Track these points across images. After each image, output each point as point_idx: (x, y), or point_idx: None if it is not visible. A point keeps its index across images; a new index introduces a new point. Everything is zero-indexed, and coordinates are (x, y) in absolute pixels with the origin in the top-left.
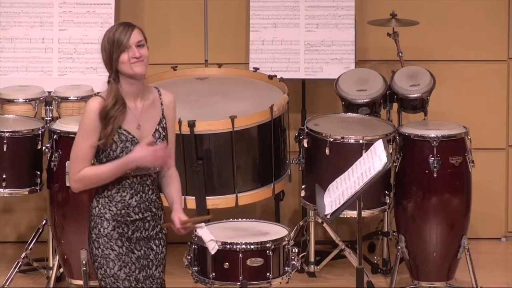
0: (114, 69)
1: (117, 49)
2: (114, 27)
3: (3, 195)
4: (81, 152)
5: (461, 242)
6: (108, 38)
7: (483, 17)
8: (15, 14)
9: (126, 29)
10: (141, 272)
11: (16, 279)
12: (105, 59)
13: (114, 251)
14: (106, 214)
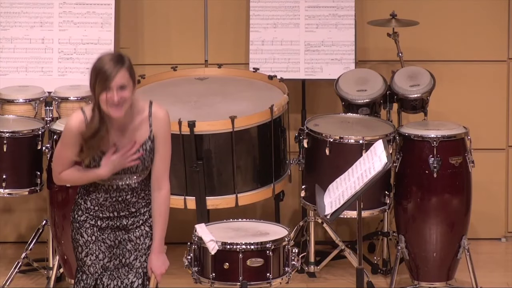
0: (94, 97)
1: (100, 84)
2: (106, 57)
3: (3, 195)
4: (61, 159)
5: (461, 242)
6: (96, 67)
7: (483, 17)
8: (15, 14)
9: (114, 66)
10: (112, 260)
11: (16, 280)
12: (90, 85)
13: (83, 238)
14: (82, 205)
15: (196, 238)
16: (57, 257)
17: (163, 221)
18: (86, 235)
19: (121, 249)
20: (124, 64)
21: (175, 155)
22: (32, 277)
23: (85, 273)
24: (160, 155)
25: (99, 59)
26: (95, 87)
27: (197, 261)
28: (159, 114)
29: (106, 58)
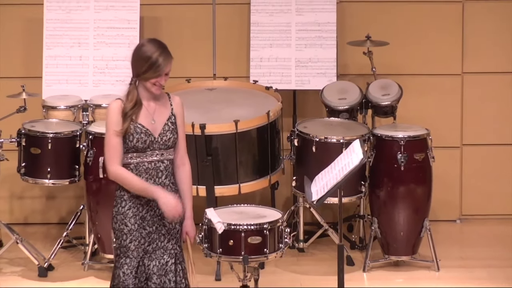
0: (138, 77)
1: (152, 72)
2: (152, 46)
3: (48, 185)
4: (112, 147)
5: (423, 224)
6: (146, 56)
7: (441, 38)
8: (58, 36)
9: (167, 58)
10: (151, 244)
11: (58, 254)
12: (138, 70)
13: (127, 227)
14: (125, 195)
15: (206, 220)
16: (92, 235)
17: (190, 192)
18: (130, 224)
19: (157, 233)
20: (171, 55)
21: (189, 152)
22: (71, 252)
23: (129, 257)
24: (180, 134)
25: (145, 47)
26: (146, 71)
27: (207, 238)
28: (176, 98)
29: (153, 48)
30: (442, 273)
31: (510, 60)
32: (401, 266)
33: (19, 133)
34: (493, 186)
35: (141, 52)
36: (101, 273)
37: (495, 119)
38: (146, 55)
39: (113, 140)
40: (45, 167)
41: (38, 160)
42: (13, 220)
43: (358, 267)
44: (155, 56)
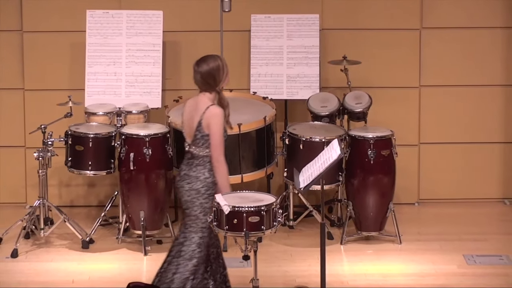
0: (219, 85)
1: (227, 77)
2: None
3: (89, 175)
4: (223, 143)
5: (389, 206)
6: (225, 64)
7: (402, 58)
8: (97, 56)
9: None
10: None
11: (98, 230)
12: (221, 76)
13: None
14: (209, 179)
15: (215, 203)
16: (124, 215)
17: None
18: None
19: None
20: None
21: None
22: (108, 229)
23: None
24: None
25: (222, 59)
26: (225, 77)
27: (216, 217)
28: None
29: (221, 59)
30: (403, 246)
31: (458, 76)
32: (370, 240)
33: (66, 134)
34: (444, 176)
35: (221, 64)
36: (131, 245)
37: (446, 123)
38: (224, 63)
39: (222, 139)
40: (87, 161)
41: (81, 155)
42: (62, 203)
43: (337, 241)
44: (225, 64)
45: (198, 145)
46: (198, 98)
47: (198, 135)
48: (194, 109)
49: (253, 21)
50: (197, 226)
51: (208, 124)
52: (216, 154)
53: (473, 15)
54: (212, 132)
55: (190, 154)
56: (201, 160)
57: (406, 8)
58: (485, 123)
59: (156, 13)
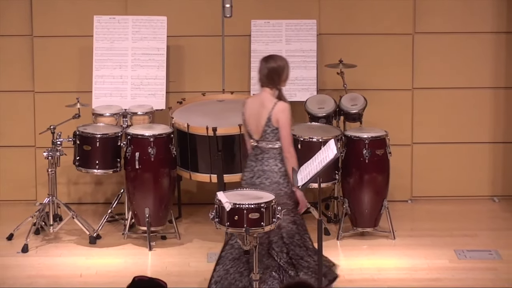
0: (282, 83)
1: (288, 76)
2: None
3: (96, 174)
4: (291, 135)
5: (383, 203)
6: (288, 67)
7: (396, 61)
8: (104, 60)
9: None
10: None
11: (105, 226)
12: (287, 75)
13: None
14: (282, 168)
15: (217, 200)
16: (130, 212)
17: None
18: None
19: None
20: None
21: (205, 148)
22: (114, 225)
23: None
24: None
25: (287, 61)
26: (286, 77)
27: (218, 214)
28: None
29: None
30: (397, 241)
31: (449, 79)
32: (365, 235)
33: (75, 134)
34: (436, 174)
35: (286, 65)
36: (137, 241)
37: (438, 124)
38: (287, 66)
39: (291, 131)
40: (94, 160)
41: (89, 155)
42: (70, 200)
43: (333, 236)
44: (288, 65)
45: (268, 139)
46: (261, 95)
47: (268, 130)
48: (260, 106)
49: (253, 26)
50: (288, 210)
51: (277, 118)
52: (286, 146)
53: (463, 21)
54: (281, 125)
55: (259, 150)
56: (271, 153)
57: (400, 14)
58: (474, 124)
59: (160, 18)
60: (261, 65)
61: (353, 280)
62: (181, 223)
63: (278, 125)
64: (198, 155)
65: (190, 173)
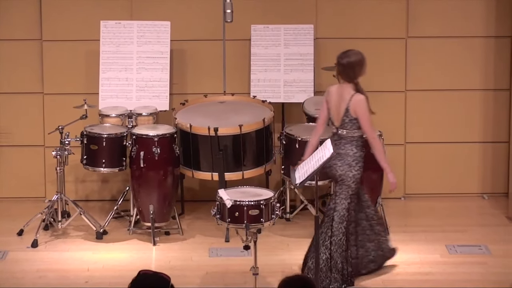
0: (358, 77)
1: (365, 70)
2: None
3: (103, 172)
4: (371, 122)
5: (377, 200)
6: (364, 61)
7: (390, 64)
8: (110, 63)
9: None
10: None
11: (111, 222)
12: (364, 69)
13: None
14: (357, 153)
15: (218, 197)
16: (135, 209)
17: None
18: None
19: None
20: None
21: (205, 148)
22: (120, 221)
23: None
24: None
25: (364, 55)
26: (363, 71)
27: (219, 211)
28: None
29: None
30: (391, 236)
31: (440, 81)
32: None
33: (82, 134)
34: (428, 172)
35: (362, 59)
36: (141, 236)
37: (430, 124)
38: (363, 60)
39: (371, 119)
40: (100, 159)
41: (95, 154)
42: (78, 197)
43: None
44: (365, 59)
45: (347, 128)
46: (342, 87)
47: (346, 120)
48: (339, 97)
49: (253, 31)
50: (347, 194)
51: (355, 110)
52: (369, 133)
53: (454, 26)
54: (360, 116)
55: (337, 136)
56: (349, 139)
57: (393, 19)
58: (465, 124)
59: (164, 23)
60: (337, 62)
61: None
62: (184, 219)
63: (356, 115)
64: (200, 154)
65: (192, 172)
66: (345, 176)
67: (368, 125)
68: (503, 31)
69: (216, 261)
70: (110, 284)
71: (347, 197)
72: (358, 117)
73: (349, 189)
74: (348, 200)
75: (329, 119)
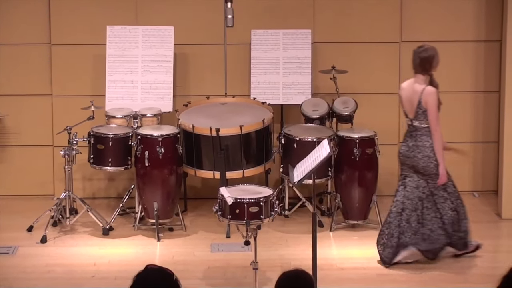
0: (432, 70)
1: (438, 62)
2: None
3: (109, 171)
4: (437, 114)
5: (372, 198)
6: (438, 56)
7: (384, 67)
8: (116, 66)
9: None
10: None
11: (117, 219)
12: (437, 61)
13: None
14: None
15: (220, 195)
16: (140, 206)
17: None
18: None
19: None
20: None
21: (209, 147)
22: (126, 217)
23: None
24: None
25: (437, 50)
26: (436, 65)
27: (220, 208)
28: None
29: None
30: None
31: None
32: (356, 227)
33: (89, 134)
34: None
35: (436, 54)
36: (146, 232)
37: None
38: (437, 55)
39: (437, 112)
40: (107, 158)
41: (102, 153)
42: (85, 195)
43: (326, 228)
44: (438, 54)
45: (420, 119)
46: (413, 81)
47: (419, 111)
48: (412, 91)
49: (253, 36)
50: (438, 179)
51: (426, 101)
52: (433, 125)
53: (445, 31)
54: (429, 107)
55: (413, 127)
56: (424, 131)
57: (387, 24)
58: (456, 124)
59: (168, 28)
60: (414, 55)
61: (345, 268)
62: (186, 216)
63: (426, 107)
64: (202, 153)
65: (195, 170)
66: (428, 167)
67: (434, 116)
68: (493, 36)
69: (217, 256)
70: (116, 278)
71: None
72: (427, 109)
73: (435, 176)
74: (449, 182)
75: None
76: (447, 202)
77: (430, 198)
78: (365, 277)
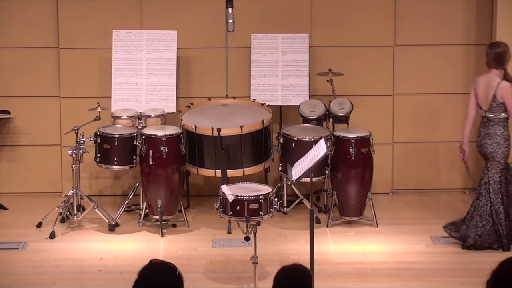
0: (506, 64)
1: (510, 58)
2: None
3: (115, 169)
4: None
5: (367, 195)
6: (509, 49)
7: (378, 70)
8: (121, 69)
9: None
10: None
11: (122, 215)
12: (508, 59)
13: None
14: (504, 133)
15: (221, 192)
16: (144, 203)
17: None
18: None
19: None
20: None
21: (210, 147)
22: (131, 214)
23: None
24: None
25: (509, 46)
26: (509, 59)
27: (222, 205)
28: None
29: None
30: (380, 228)
31: (425, 85)
32: (352, 223)
33: (96, 134)
34: (414, 169)
35: (508, 48)
36: (150, 228)
37: (416, 125)
38: (509, 48)
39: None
40: (113, 157)
41: (108, 152)
42: (92, 192)
43: (323, 224)
44: (510, 50)
45: (494, 111)
46: (488, 76)
47: (494, 104)
48: (487, 85)
49: (253, 40)
50: (498, 169)
51: (501, 95)
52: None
53: (437, 35)
54: (506, 101)
55: (486, 119)
56: (496, 121)
57: (382, 29)
58: (448, 125)
59: (171, 32)
60: (487, 51)
61: (341, 263)
62: (189, 213)
63: (502, 100)
64: (204, 153)
65: (197, 169)
66: (495, 153)
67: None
68: (482, 39)
69: (219, 251)
70: (122, 272)
71: (497, 172)
72: (505, 102)
73: (499, 164)
74: (499, 174)
75: (477, 104)
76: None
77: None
78: (360, 271)
